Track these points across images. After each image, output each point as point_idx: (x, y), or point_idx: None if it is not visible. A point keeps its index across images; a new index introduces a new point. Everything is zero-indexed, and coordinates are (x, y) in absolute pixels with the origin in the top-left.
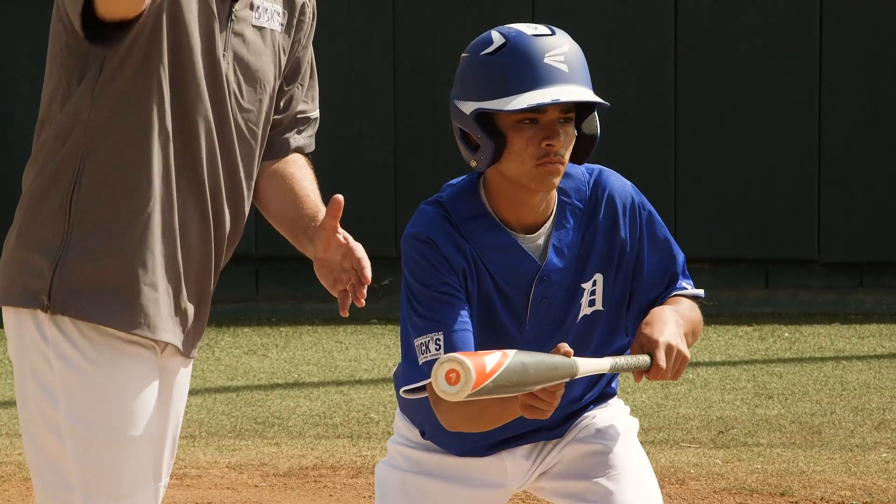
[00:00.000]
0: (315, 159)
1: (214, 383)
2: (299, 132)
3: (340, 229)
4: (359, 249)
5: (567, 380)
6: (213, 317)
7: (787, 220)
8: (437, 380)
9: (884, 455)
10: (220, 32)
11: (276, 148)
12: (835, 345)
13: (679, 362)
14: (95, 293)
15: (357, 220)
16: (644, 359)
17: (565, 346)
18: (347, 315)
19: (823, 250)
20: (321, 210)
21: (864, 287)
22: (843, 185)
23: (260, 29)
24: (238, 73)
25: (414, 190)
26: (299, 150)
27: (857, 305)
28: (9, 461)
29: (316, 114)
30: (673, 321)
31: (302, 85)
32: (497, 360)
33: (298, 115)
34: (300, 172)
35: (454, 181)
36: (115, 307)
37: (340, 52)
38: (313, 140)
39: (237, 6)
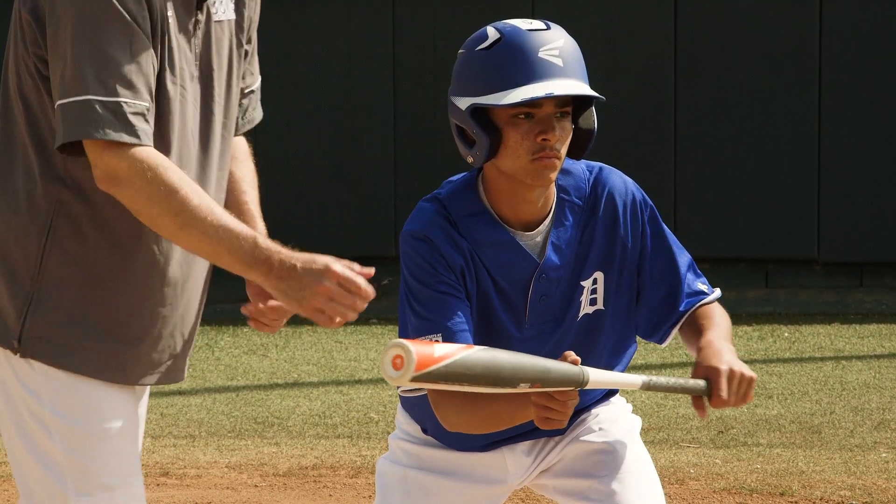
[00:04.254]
0: (316, 159)
1: (214, 383)
2: (252, 107)
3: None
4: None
5: (572, 388)
6: (213, 317)
7: (787, 220)
8: (385, 366)
9: (884, 455)
10: (193, 47)
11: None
12: (835, 345)
13: (745, 385)
14: (66, 341)
15: (357, 219)
16: (698, 382)
17: (572, 355)
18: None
19: (823, 250)
20: (257, 221)
21: (864, 287)
22: (843, 185)
23: (219, 23)
24: (214, 82)
25: (414, 190)
26: (251, 123)
27: (857, 305)
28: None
29: (258, 83)
30: (726, 349)
31: (251, 56)
32: (450, 350)
33: (244, 90)
34: (240, 171)
35: (453, 178)
36: (87, 356)
37: (341, 51)
38: (260, 108)
39: (204, 8)
